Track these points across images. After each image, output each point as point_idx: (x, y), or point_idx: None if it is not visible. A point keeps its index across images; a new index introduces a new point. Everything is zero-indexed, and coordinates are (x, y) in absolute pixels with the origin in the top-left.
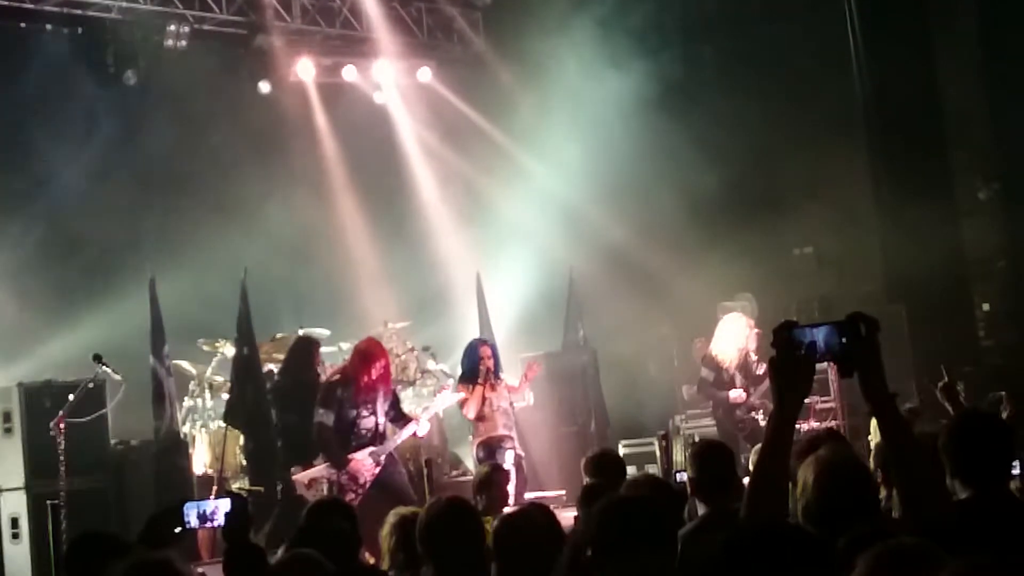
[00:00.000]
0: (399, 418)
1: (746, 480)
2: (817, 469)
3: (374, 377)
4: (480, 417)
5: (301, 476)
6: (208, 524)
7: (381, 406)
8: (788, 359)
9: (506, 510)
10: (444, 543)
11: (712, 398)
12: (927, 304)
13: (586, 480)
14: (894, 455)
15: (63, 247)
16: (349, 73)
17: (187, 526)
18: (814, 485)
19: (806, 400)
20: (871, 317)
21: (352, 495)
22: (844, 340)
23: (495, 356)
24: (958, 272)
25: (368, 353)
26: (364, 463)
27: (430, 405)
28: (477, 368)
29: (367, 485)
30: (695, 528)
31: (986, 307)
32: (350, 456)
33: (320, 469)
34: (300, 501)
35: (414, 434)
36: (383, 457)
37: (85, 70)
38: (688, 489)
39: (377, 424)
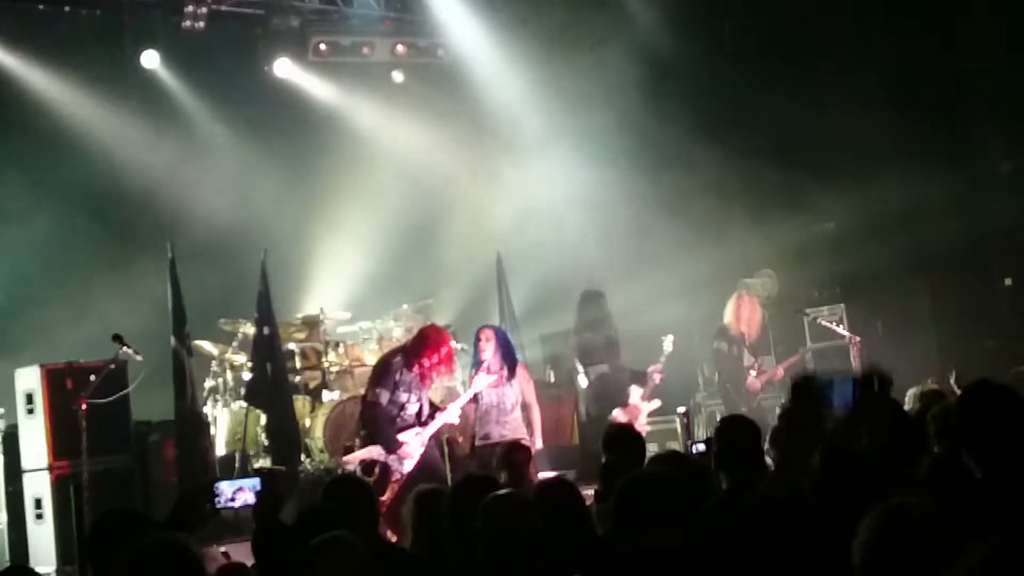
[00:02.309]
0: (431, 407)
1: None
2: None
3: (435, 363)
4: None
5: (351, 457)
6: (239, 503)
7: (427, 393)
8: (803, 409)
9: (496, 492)
10: (470, 519)
11: (723, 372)
12: (949, 279)
13: (604, 457)
14: None
15: (83, 229)
16: (367, 53)
17: (218, 505)
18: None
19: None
20: (886, 374)
21: (398, 475)
22: (858, 394)
23: (499, 343)
24: (980, 246)
25: (433, 339)
26: (413, 446)
27: (464, 394)
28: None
29: (414, 466)
30: (718, 503)
31: (1008, 281)
32: (400, 440)
33: (371, 451)
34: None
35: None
36: (428, 438)
37: (102, 51)
38: (712, 463)
39: (421, 410)
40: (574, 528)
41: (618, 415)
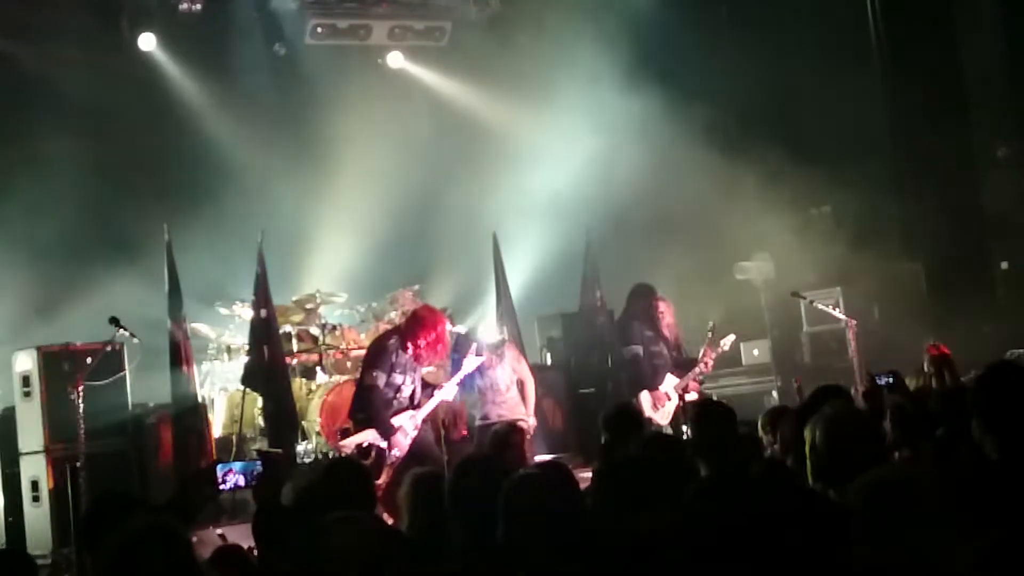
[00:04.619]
0: (424, 386)
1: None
2: (824, 426)
3: (431, 342)
4: None
5: (348, 442)
6: (228, 485)
7: (420, 375)
8: None
9: (522, 472)
10: (475, 500)
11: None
12: (945, 262)
13: (604, 437)
14: None
15: (79, 212)
16: (364, 35)
17: (221, 488)
18: (823, 442)
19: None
20: None
21: (393, 458)
22: None
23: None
24: (976, 230)
25: (428, 320)
26: (407, 429)
27: (458, 372)
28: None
29: (407, 448)
30: (697, 491)
31: (1004, 265)
32: (395, 424)
33: (367, 434)
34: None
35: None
36: (420, 421)
37: (100, 34)
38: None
39: (414, 392)
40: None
41: (643, 398)
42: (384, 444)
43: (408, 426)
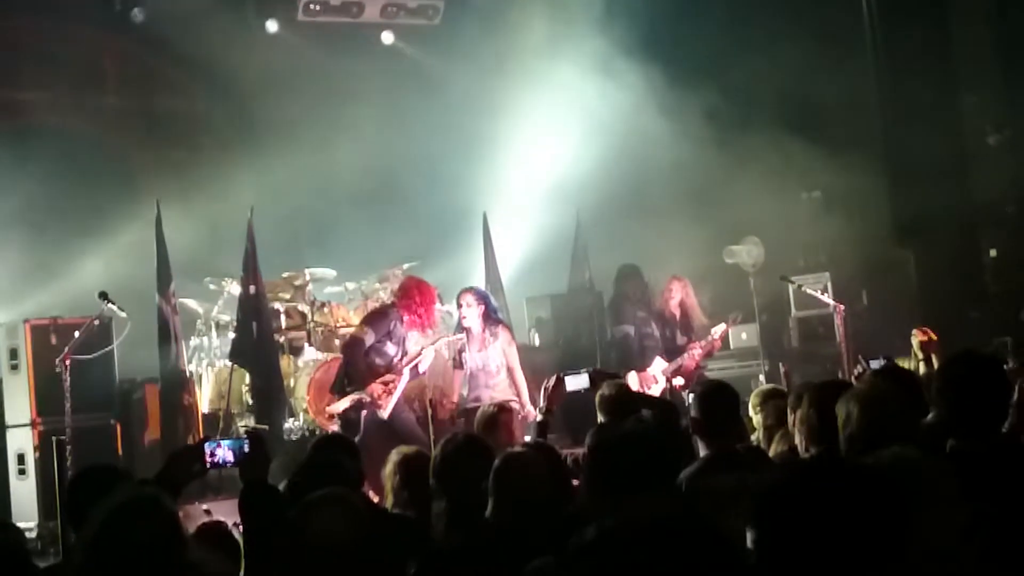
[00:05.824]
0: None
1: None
2: (861, 401)
3: (427, 306)
4: None
5: (333, 407)
6: (217, 459)
7: (407, 349)
8: None
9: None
10: (461, 479)
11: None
12: (935, 249)
13: (601, 418)
14: None
15: (69, 185)
16: (357, 13)
17: (209, 465)
18: (859, 416)
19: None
20: None
21: (386, 396)
22: None
23: (481, 305)
24: (966, 218)
25: (423, 287)
26: (385, 376)
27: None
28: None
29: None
30: (698, 470)
31: (994, 253)
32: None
33: (354, 397)
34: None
35: (415, 368)
36: (407, 370)
37: (92, 7)
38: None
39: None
40: (556, 492)
41: (631, 378)
42: (375, 395)
43: (388, 375)
